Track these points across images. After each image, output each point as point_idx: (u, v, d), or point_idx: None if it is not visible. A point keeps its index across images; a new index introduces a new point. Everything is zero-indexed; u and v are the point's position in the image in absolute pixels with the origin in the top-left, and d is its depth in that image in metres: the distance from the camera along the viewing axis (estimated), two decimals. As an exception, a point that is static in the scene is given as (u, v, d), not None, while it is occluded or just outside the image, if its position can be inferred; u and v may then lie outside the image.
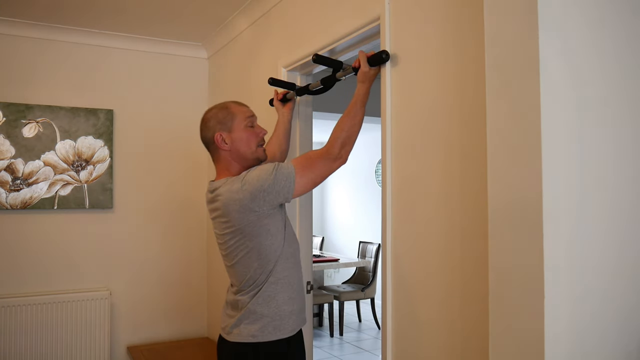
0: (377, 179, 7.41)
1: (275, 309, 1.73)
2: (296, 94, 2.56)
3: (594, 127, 1.18)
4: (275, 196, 1.69)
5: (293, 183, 1.69)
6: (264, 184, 1.67)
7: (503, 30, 1.19)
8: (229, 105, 1.86)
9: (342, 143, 1.76)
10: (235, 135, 1.80)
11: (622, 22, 1.23)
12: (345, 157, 1.78)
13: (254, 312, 1.74)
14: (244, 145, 1.81)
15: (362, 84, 1.85)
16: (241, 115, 1.83)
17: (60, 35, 3.52)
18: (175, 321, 3.80)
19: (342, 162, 1.78)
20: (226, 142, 1.80)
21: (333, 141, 1.76)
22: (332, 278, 7.71)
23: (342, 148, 1.76)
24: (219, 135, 1.80)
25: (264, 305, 1.73)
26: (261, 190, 1.67)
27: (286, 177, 1.69)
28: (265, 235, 1.72)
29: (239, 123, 1.81)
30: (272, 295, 1.74)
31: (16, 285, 3.39)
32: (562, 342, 1.10)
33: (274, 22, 2.89)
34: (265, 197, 1.67)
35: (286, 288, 1.76)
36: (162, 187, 3.81)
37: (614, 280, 1.20)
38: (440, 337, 1.65)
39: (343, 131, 1.77)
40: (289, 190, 1.69)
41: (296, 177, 1.70)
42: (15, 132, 3.38)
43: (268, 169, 1.70)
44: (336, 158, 1.75)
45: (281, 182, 1.68)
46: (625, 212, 1.22)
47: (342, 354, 5.14)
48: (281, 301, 1.75)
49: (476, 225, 1.51)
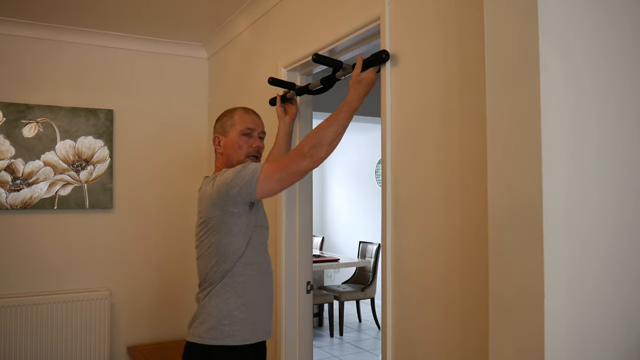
0: (377, 179, 7.41)
1: (225, 311, 1.70)
2: (296, 94, 2.56)
3: (595, 128, 1.18)
4: (238, 191, 1.67)
5: (256, 179, 1.66)
6: (228, 177, 1.70)
7: (503, 30, 1.19)
8: (237, 112, 1.90)
9: (314, 143, 1.68)
10: (228, 141, 1.86)
11: (622, 22, 1.23)
12: (316, 158, 1.67)
13: (204, 310, 1.73)
14: (234, 152, 1.85)
15: (353, 89, 1.80)
16: (241, 123, 1.86)
17: (60, 35, 3.52)
18: (176, 321, 3.80)
19: (311, 161, 1.67)
20: (220, 145, 1.88)
21: (306, 140, 1.70)
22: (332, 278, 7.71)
23: (313, 148, 1.67)
24: (216, 137, 1.90)
25: (214, 305, 1.72)
26: (225, 183, 1.69)
27: (250, 173, 1.67)
28: (225, 234, 1.72)
29: (235, 129, 1.85)
30: (224, 296, 1.72)
31: (16, 285, 3.39)
32: (562, 343, 1.10)
33: (274, 22, 2.89)
34: (228, 190, 1.68)
35: (240, 294, 1.73)
36: (162, 187, 3.81)
37: (615, 281, 1.20)
38: (441, 337, 1.64)
39: (319, 132, 1.70)
40: (251, 185, 1.66)
41: (261, 174, 1.67)
42: (15, 132, 3.38)
43: (238, 167, 1.72)
44: (305, 155, 1.66)
45: (244, 177, 1.67)
46: (626, 213, 1.22)
47: (342, 354, 5.14)
48: (232, 306, 1.71)
49: (476, 225, 1.51)
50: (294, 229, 2.66)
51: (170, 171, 3.84)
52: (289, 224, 2.65)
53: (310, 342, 2.68)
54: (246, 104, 3.24)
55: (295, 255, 2.65)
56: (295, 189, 2.68)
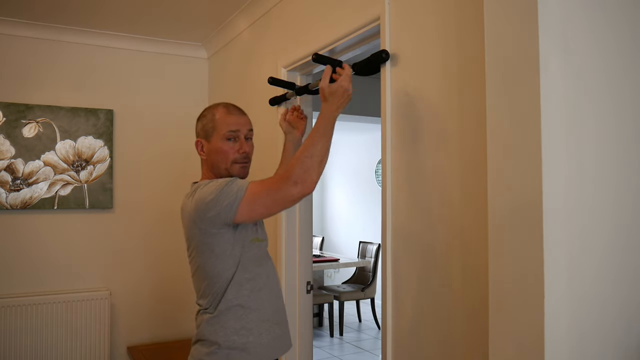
0: (377, 179, 7.41)
1: (223, 336, 1.58)
2: (296, 93, 2.56)
3: (594, 127, 1.18)
4: (216, 215, 1.51)
5: (238, 202, 1.49)
6: (207, 197, 1.52)
7: (503, 30, 1.19)
8: (217, 112, 1.68)
9: (304, 168, 1.47)
10: (212, 147, 1.66)
11: (622, 21, 1.23)
12: (309, 183, 1.47)
13: (202, 334, 1.61)
14: (219, 160, 1.66)
15: (326, 103, 1.61)
16: (223, 126, 1.65)
17: (60, 35, 3.52)
18: (175, 321, 3.80)
19: (303, 188, 1.47)
20: (203, 151, 1.69)
21: (294, 164, 1.49)
22: (332, 278, 7.71)
23: (304, 172, 1.47)
24: (198, 142, 1.71)
25: (212, 332, 1.59)
26: (203, 203, 1.53)
27: (233, 195, 1.50)
28: (208, 255, 1.58)
29: (217, 134, 1.65)
30: (221, 322, 1.58)
31: (16, 285, 3.39)
32: (562, 343, 1.10)
33: (274, 22, 2.89)
34: (206, 212, 1.52)
35: (238, 316, 1.59)
36: (162, 187, 3.81)
37: (614, 281, 1.20)
38: (441, 337, 1.64)
39: (305, 153, 1.50)
40: (231, 209, 1.49)
41: (244, 199, 1.49)
42: (15, 132, 3.38)
43: (221, 184, 1.54)
44: (295, 182, 1.46)
45: (224, 200, 1.50)
46: (625, 212, 1.22)
47: (342, 354, 5.14)
48: (230, 330, 1.58)
49: (476, 225, 1.51)
50: (294, 228, 2.66)
51: (171, 171, 3.84)
52: (289, 224, 2.65)
53: (310, 342, 2.68)
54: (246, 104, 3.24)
55: (295, 255, 2.65)
56: (295, 189, 2.68)
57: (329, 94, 1.61)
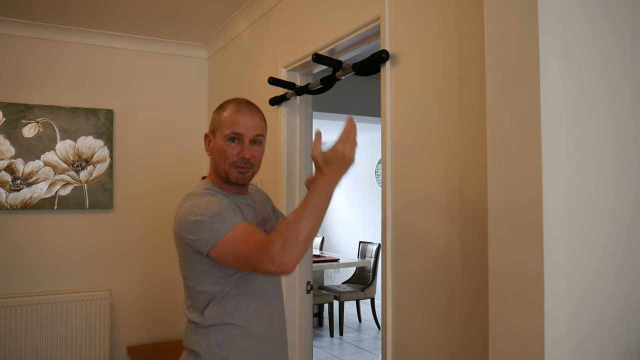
0: (377, 179, 7.41)
1: (205, 349, 1.49)
2: (296, 93, 2.57)
3: (594, 127, 1.18)
4: (192, 241, 1.42)
5: (215, 241, 1.37)
6: (190, 218, 1.42)
7: (503, 30, 1.19)
8: (227, 108, 1.59)
9: (286, 245, 1.27)
10: (215, 144, 1.57)
11: (622, 21, 1.23)
12: (286, 265, 1.28)
13: (187, 344, 1.55)
14: (219, 159, 1.56)
15: (321, 174, 1.33)
16: (227, 125, 1.54)
17: (60, 35, 3.52)
18: (176, 321, 3.80)
19: (281, 269, 1.29)
20: (209, 147, 1.61)
21: (277, 237, 1.29)
22: (332, 278, 7.71)
23: (285, 252, 1.27)
24: (206, 136, 1.62)
25: (195, 342, 1.52)
26: (185, 221, 1.44)
27: (214, 231, 1.38)
28: (188, 271, 1.51)
29: (221, 132, 1.55)
30: (204, 334, 1.50)
31: (16, 285, 3.38)
32: (562, 343, 1.10)
33: (274, 22, 2.89)
34: (185, 233, 1.44)
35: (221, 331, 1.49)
36: (162, 187, 3.80)
37: (614, 280, 1.20)
38: (441, 337, 1.64)
39: (291, 229, 1.29)
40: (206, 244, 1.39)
41: (222, 240, 1.37)
42: (15, 132, 3.38)
43: (208, 210, 1.41)
44: (272, 259, 1.28)
45: (204, 232, 1.39)
46: (626, 213, 1.22)
47: (342, 354, 5.14)
48: (213, 343, 1.49)
49: (476, 225, 1.51)
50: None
51: (171, 171, 3.84)
52: (289, 224, 2.64)
53: (310, 342, 2.68)
54: (246, 104, 3.23)
55: (295, 255, 2.64)
56: (295, 188, 2.68)
57: (323, 163, 1.32)
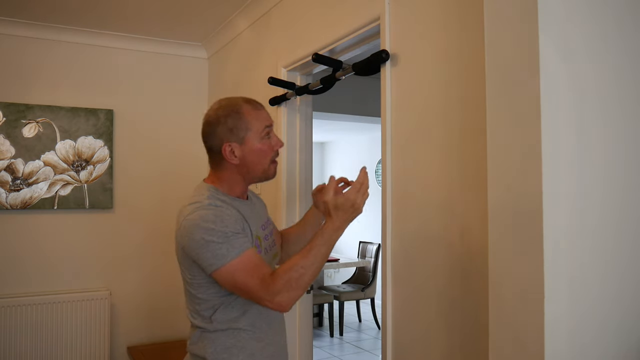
0: (377, 179, 7.40)
1: (212, 355, 1.48)
2: (296, 93, 2.57)
3: (595, 127, 1.18)
4: (196, 256, 1.39)
5: (219, 266, 1.36)
6: (197, 234, 1.37)
7: (503, 30, 1.19)
8: (242, 109, 1.49)
9: (289, 284, 1.33)
10: (248, 149, 1.47)
11: (623, 21, 1.23)
12: (286, 304, 1.34)
13: (193, 349, 1.53)
14: (257, 161, 1.49)
15: (328, 218, 1.41)
16: (258, 125, 1.48)
17: (61, 35, 3.52)
18: (176, 321, 3.80)
19: (280, 307, 1.35)
20: (235, 155, 1.47)
21: (281, 275, 1.34)
22: (332, 278, 7.71)
23: (287, 291, 1.33)
24: (227, 146, 1.47)
25: (202, 348, 1.50)
26: (191, 236, 1.39)
27: (219, 256, 1.36)
28: (190, 280, 1.48)
29: (253, 133, 1.47)
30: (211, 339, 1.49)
31: (16, 285, 3.39)
32: (562, 344, 1.10)
33: (274, 22, 2.89)
34: (189, 248, 1.40)
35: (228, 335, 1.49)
36: (162, 187, 3.81)
37: (616, 283, 1.19)
38: (440, 337, 1.64)
39: (295, 269, 1.34)
40: (210, 267, 1.38)
41: (226, 266, 1.36)
42: (15, 132, 3.38)
43: (218, 228, 1.37)
44: (273, 296, 1.33)
45: (209, 254, 1.37)
46: (627, 213, 1.22)
47: (342, 354, 5.14)
48: (221, 348, 1.48)
49: (476, 225, 1.51)
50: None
51: (170, 171, 3.84)
52: (289, 223, 2.65)
53: (310, 342, 2.68)
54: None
55: (295, 255, 2.64)
56: (295, 189, 2.68)
57: (334, 209, 1.40)
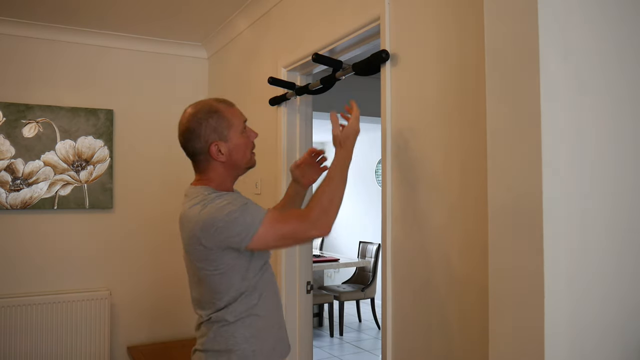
0: (377, 179, 7.40)
1: (233, 345, 1.53)
2: (296, 93, 2.57)
3: (595, 127, 1.18)
4: (226, 239, 1.45)
5: (253, 232, 1.44)
6: (219, 220, 1.44)
7: (503, 30, 1.19)
8: (219, 109, 1.57)
9: (324, 209, 1.49)
10: (232, 145, 1.57)
11: (623, 21, 1.23)
12: (326, 226, 1.49)
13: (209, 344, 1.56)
14: (241, 155, 1.59)
15: (339, 149, 1.63)
16: (237, 121, 1.59)
17: (60, 35, 3.52)
18: (176, 321, 3.80)
19: (322, 231, 1.49)
20: (222, 153, 1.55)
21: (314, 205, 1.50)
22: (332, 278, 7.71)
23: (324, 215, 1.49)
24: (214, 145, 1.54)
25: (219, 342, 1.55)
26: (213, 225, 1.45)
27: (248, 224, 1.44)
28: (212, 272, 1.52)
29: (234, 130, 1.57)
30: (230, 332, 1.54)
31: (16, 285, 3.39)
32: (562, 343, 1.10)
33: (274, 22, 2.89)
34: (215, 235, 1.45)
35: (247, 325, 1.54)
36: (162, 186, 3.81)
37: (615, 281, 1.20)
38: (440, 338, 1.64)
39: (324, 196, 1.52)
40: (244, 238, 1.44)
41: (260, 229, 1.44)
42: (15, 132, 3.38)
43: (236, 206, 1.46)
44: (315, 223, 1.48)
45: (238, 227, 1.44)
46: (626, 213, 1.22)
47: (342, 354, 5.14)
48: (240, 339, 1.54)
49: (476, 225, 1.51)
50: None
51: (170, 171, 3.84)
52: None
53: (310, 342, 2.68)
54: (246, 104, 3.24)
55: (295, 255, 2.65)
56: (295, 189, 2.68)
57: (345, 139, 1.63)
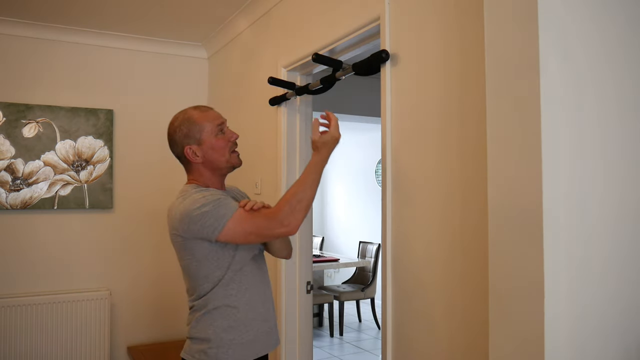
0: (377, 179, 7.41)
1: (212, 334, 1.62)
2: (296, 93, 2.57)
3: (595, 127, 1.18)
4: (199, 229, 1.57)
5: (223, 225, 1.55)
6: (193, 211, 1.57)
7: (503, 30, 1.19)
8: (191, 115, 1.72)
9: (292, 209, 1.57)
10: (207, 147, 1.69)
11: (623, 21, 1.23)
12: (293, 226, 1.58)
13: (193, 331, 1.66)
14: (217, 155, 1.71)
15: (318, 153, 1.68)
16: (209, 124, 1.70)
17: (60, 35, 3.52)
18: (176, 321, 3.80)
19: (289, 230, 1.58)
20: (197, 155, 1.70)
21: (282, 205, 1.58)
22: (332, 278, 7.71)
23: (292, 214, 1.57)
24: (188, 149, 1.70)
25: (200, 329, 1.64)
26: (187, 215, 1.58)
27: (219, 217, 1.56)
28: (190, 259, 1.64)
29: (208, 133, 1.69)
30: (209, 320, 1.63)
31: (16, 285, 3.39)
32: (562, 343, 1.10)
33: (274, 22, 2.89)
34: (190, 225, 1.58)
35: (225, 315, 1.63)
36: (162, 186, 3.80)
37: (616, 281, 1.19)
38: (441, 337, 1.64)
39: (294, 197, 1.59)
40: (214, 231, 1.56)
41: (229, 222, 1.56)
42: (15, 132, 3.38)
43: (208, 200, 1.59)
44: (282, 222, 1.56)
45: (210, 219, 1.56)
46: (628, 213, 1.22)
47: (342, 354, 5.14)
48: (219, 328, 1.62)
49: (476, 226, 1.51)
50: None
51: (170, 171, 3.83)
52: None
53: (310, 342, 2.68)
54: (246, 104, 3.24)
55: (295, 255, 2.65)
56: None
57: (322, 145, 1.68)
